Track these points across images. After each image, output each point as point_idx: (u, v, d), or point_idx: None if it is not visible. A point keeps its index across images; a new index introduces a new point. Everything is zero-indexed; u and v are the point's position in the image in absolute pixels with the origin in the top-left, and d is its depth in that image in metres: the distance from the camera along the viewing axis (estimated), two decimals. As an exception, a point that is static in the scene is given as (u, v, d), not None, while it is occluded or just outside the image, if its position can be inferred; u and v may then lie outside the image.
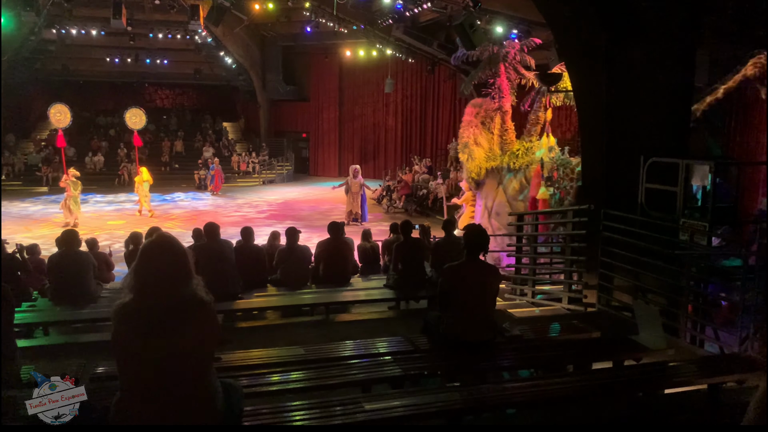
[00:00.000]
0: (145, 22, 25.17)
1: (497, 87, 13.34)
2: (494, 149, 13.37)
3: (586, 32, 7.29)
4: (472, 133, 13.52)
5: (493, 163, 13.29)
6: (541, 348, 4.93)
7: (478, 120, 13.58)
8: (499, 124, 13.37)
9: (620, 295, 6.83)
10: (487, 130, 13.51)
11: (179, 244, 2.67)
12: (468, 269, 4.47)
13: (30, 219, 18.85)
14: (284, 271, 7.82)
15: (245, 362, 4.48)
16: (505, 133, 13.37)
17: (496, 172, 13.32)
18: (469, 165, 13.64)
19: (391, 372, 4.18)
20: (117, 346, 2.52)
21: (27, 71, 27.74)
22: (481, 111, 13.69)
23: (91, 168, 27.77)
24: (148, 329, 2.43)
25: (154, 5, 23.63)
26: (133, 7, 23.22)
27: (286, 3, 19.37)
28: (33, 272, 8.21)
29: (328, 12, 19.59)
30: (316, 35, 23.79)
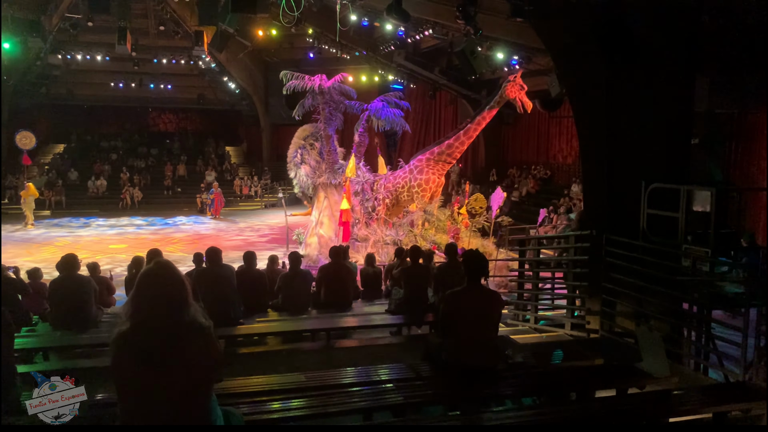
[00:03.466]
0: (149, 48, 25.46)
1: (323, 115, 15.00)
2: (320, 167, 15.34)
3: (587, 59, 7.36)
4: (299, 153, 15.66)
5: (320, 179, 15.30)
6: (544, 375, 4.89)
7: (307, 142, 15.69)
8: (326, 146, 15.21)
9: (623, 321, 6.80)
10: (314, 150, 15.49)
11: (176, 271, 2.66)
12: (470, 295, 4.45)
13: (32, 242, 18.85)
14: (286, 296, 7.79)
15: (245, 389, 4.44)
16: (329, 153, 15.12)
17: (323, 187, 15.22)
18: (296, 181, 15.89)
19: (392, 400, 4.14)
20: (116, 374, 2.50)
21: (32, 96, 27.95)
22: (312, 135, 15.72)
23: (94, 192, 27.86)
24: (146, 357, 2.42)
25: (158, 31, 23.94)
26: (138, 32, 23.52)
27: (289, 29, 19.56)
28: (34, 296, 8.18)
29: (331, 38, 19.82)
30: (319, 61, 23.99)
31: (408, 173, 14.38)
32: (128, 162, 30.65)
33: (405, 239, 13.27)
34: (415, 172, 14.20)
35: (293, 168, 15.73)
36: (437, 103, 26.23)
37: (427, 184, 13.97)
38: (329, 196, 15.01)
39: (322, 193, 15.20)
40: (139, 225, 22.90)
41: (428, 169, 14.04)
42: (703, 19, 7.16)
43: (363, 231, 13.88)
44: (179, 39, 23.32)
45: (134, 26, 22.17)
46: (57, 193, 26.41)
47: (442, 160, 14.08)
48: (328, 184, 15.06)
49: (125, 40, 19.55)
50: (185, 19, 21.74)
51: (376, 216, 14.24)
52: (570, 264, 8.05)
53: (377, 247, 13.34)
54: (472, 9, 9.51)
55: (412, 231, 13.58)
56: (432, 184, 14.01)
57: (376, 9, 14.68)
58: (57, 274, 7.15)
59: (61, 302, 6.85)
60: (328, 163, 15.17)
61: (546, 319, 8.39)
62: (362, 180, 14.21)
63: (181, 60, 26.05)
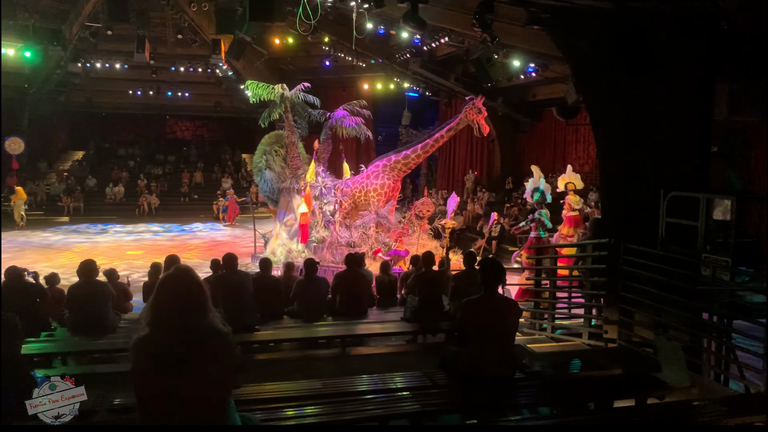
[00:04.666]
0: (167, 56, 25.72)
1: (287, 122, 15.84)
2: (285, 172, 16.28)
3: (604, 66, 7.32)
4: (265, 159, 16.47)
5: (284, 184, 16.15)
6: (562, 385, 4.85)
7: (272, 148, 16.57)
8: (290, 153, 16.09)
9: (641, 331, 6.72)
10: (279, 156, 16.48)
11: (196, 276, 2.67)
12: (486, 303, 4.42)
13: (51, 248, 19.05)
14: (301, 303, 7.80)
15: (260, 396, 4.44)
16: (292, 159, 16.00)
17: (287, 191, 15.99)
18: (262, 186, 16.55)
19: (408, 408, 4.12)
20: (136, 379, 2.51)
21: (52, 103, 28.34)
22: (277, 141, 16.66)
23: (112, 198, 28.13)
24: (166, 362, 2.43)
25: (176, 39, 24.18)
26: (156, 41, 23.78)
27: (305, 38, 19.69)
28: (53, 301, 8.26)
29: (347, 46, 19.88)
30: (335, 69, 24.12)
31: (365, 178, 14.95)
32: (145, 169, 30.93)
33: (358, 241, 13.98)
34: (372, 177, 14.77)
35: (257, 173, 16.59)
36: (452, 110, 26.20)
37: (382, 189, 14.52)
38: (292, 200, 15.88)
39: (286, 197, 16.08)
40: (156, 231, 23.08)
41: (383, 175, 14.58)
42: (722, 25, 7.09)
43: (320, 233, 14.62)
44: (197, 47, 23.51)
45: (153, 35, 22.44)
46: (75, 200, 26.71)
47: (398, 168, 14.62)
48: (291, 189, 15.91)
49: (144, 48, 19.78)
50: (203, 28, 21.90)
51: (335, 219, 14.88)
52: (587, 273, 7.98)
53: (332, 248, 14.03)
54: (488, 17, 9.49)
55: (365, 233, 14.16)
56: (387, 189, 14.55)
57: (392, 17, 14.71)
58: (75, 280, 7.23)
59: (80, 308, 6.93)
60: (292, 168, 15.99)
61: (563, 328, 8.32)
62: (320, 185, 15.01)
63: (199, 68, 26.28)
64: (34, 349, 6.16)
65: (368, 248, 13.62)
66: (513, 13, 10.23)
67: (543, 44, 12.37)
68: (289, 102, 15.78)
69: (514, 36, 13.22)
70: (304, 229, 14.41)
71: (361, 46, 19.17)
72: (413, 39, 16.78)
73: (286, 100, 15.75)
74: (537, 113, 21.86)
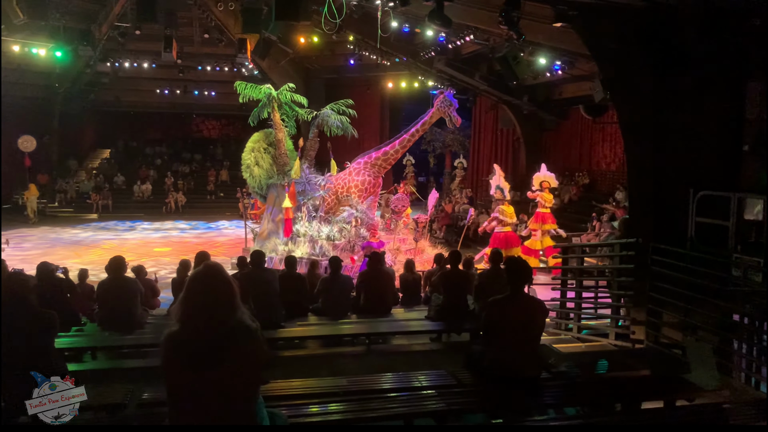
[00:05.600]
0: (194, 56, 25.96)
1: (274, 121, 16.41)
2: (272, 169, 16.69)
3: (633, 64, 7.23)
4: (254, 157, 16.84)
5: (271, 180, 16.64)
6: (588, 385, 4.81)
7: (261, 146, 16.98)
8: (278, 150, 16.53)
9: (670, 332, 6.63)
10: (267, 154, 16.85)
11: (225, 273, 2.70)
12: (513, 303, 4.40)
13: (80, 245, 19.40)
14: (326, 301, 7.84)
15: (285, 392, 4.47)
16: (279, 156, 16.44)
17: (274, 187, 16.50)
18: (250, 182, 16.92)
19: (434, 407, 4.12)
20: (166, 374, 2.55)
21: (81, 102, 28.81)
22: (265, 139, 17.08)
23: (139, 196, 28.52)
24: (196, 358, 2.46)
25: (203, 39, 24.40)
26: (183, 40, 23.99)
27: (330, 37, 19.76)
28: (82, 297, 8.41)
29: (372, 45, 19.89)
30: (359, 68, 24.15)
31: (347, 175, 15.63)
32: (172, 167, 31.28)
33: (338, 235, 14.65)
34: (353, 174, 15.43)
35: (246, 170, 17.06)
36: (477, 109, 26.11)
37: (362, 185, 15.15)
38: (279, 196, 16.37)
39: (273, 192, 16.66)
40: (183, 229, 23.36)
41: (364, 172, 15.22)
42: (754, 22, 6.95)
43: (303, 227, 15.22)
44: (223, 47, 23.70)
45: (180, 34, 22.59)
46: (104, 197, 27.15)
47: (378, 165, 15.30)
48: (278, 185, 16.45)
49: (171, 47, 19.97)
50: (229, 27, 22.06)
51: (319, 214, 15.54)
52: (614, 272, 7.89)
53: (313, 242, 14.72)
54: (515, 14, 9.42)
55: (345, 227, 14.77)
56: (368, 185, 15.19)
57: (417, 15, 14.67)
58: (104, 276, 7.35)
59: (109, 303, 7.03)
60: (279, 165, 16.57)
61: (589, 329, 8.24)
62: (304, 180, 15.64)
63: (225, 67, 26.49)
64: (65, 343, 6.27)
65: (347, 242, 14.49)
66: (539, 10, 10.14)
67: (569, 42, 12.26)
68: (276, 101, 16.42)
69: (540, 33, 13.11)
70: (288, 223, 15.14)
71: (385, 44, 19.16)
72: (438, 37, 16.71)
73: (273, 100, 16.39)
74: (563, 111, 21.66)
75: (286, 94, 16.51)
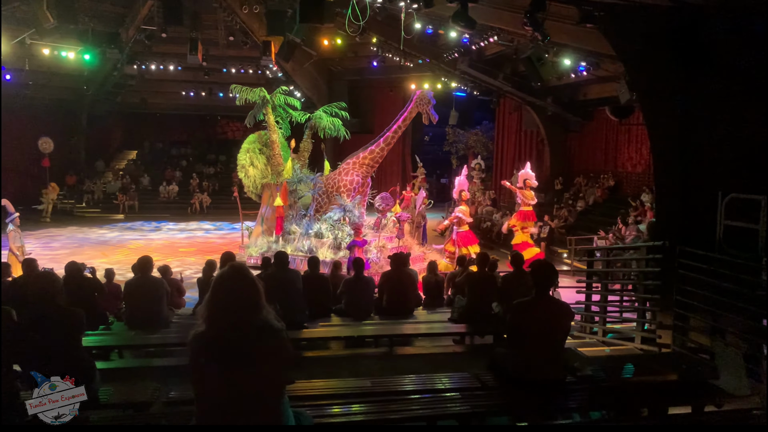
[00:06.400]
0: (219, 58, 26.20)
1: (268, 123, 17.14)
2: (267, 170, 17.41)
3: (660, 65, 7.14)
4: (249, 157, 17.57)
5: (265, 180, 17.29)
6: (614, 389, 4.75)
7: (256, 147, 17.68)
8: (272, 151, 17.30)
9: (697, 336, 6.53)
10: (262, 155, 17.61)
11: (251, 273, 2.72)
12: (538, 306, 4.37)
13: (107, 245, 19.68)
14: (348, 302, 7.85)
15: (307, 392, 4.49)
16: (273, 157, 17.17)
17: (268, 186, 17.14)
18: (246, 181, 17.63)
19: (457, 409, 4.10)
20: (193, 373, 2.58)
21: (109, 104, 29.25)
22: (259, 140, 17.81)
23: (165, 197, 28.85)
24: (222, 358, 2.49)
25: (228, 42, 24.63)
26: (208, 43, 24.25)
27: (353, 39, 19.82)
28: (109, 296, 8.52)
29: (395, 47, 19.91)
30: (382, 69, 24.17)
31: (337, 175, 16.06)
32: (197, 168, 31.59)
33: (327, 233, 15.18)
34: (342, 174, 15.84)
35: (241, 170, 17.76)
36: (501, 109, 25.98)
37: (351, 185, 15.56)
38: (273, 195, 16.90)
39: (267, 191, 17.19)
40: (208, 229, 23.56)
41: (353, 171, 15.63)
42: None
43: (294, 225, 15.83)
44: (248, 49, 23.89)
45: (205, 37, 22.85)
46: (130, 198, 27.52)
47: (366, 164, 15.69)
48: (272, 185, 17.03)
49: (196, 50, 20.20)
50: (254, 30, 22.25)
51: (309, 212, 16.09)
52: (640, 276, 7.79)
53: (303, 239, 15.34)
54: (540, 15, 9.37)
55: (333, 225, 15.24)
56: (356, 185, 15.62)
57: (440, 17, 14.66)
58: (130, 275, 7.45)
59: (136, 302, 7.13)
60: (273, 165, 17.19)
61: (614, 332, 8.15)
62: (295, 180, 16.30)
63: (249, 69, 26.67)
64: (92, 341, 6.37)
65: (333, 238, 14.97)
66: (564, 11, 10.07)
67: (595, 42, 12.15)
68: (270, 104, 17.18)
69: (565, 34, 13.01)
70: (279, 221, 15.92)
71: (409, 46, 19.17)
72: (462, 38, 16.66)
73: (267, 103, 17.15)
74: (587, 113, 21.44)
75: (279, 97, 17.35)
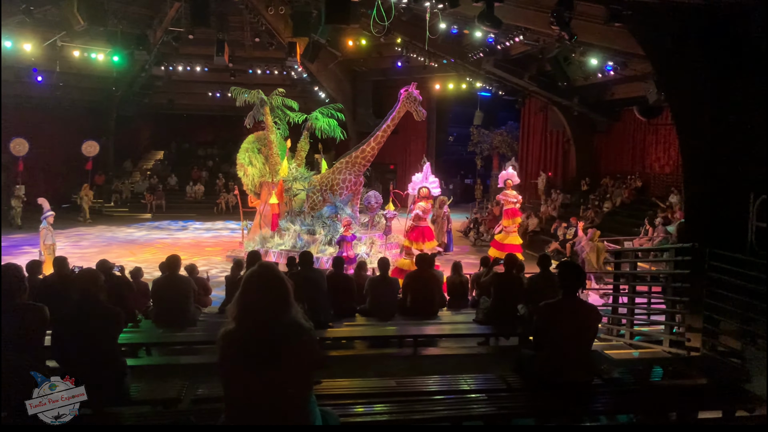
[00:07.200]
0: (245, 59, 26.43)
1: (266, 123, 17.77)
2: (265, 168, 18.06)
3: (690, 63, 7.03)
4: (248, 157, 18.24)
5: (263, 178, 17.99)
6: (642, 392, 4.68)
7: (254, 147, 18.34)
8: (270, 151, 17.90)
9: (727, 340, 6.41)
10: (260, 154, 18.23)
11: (280, 272, 2.74)
12: (565, 307, 4.33)
13: (135, 244, 19.96)
14: (373, 302, 7.86)
15: (330, 391, 4.50)
16: (270, 156, 17.73)
17: (267, 185, 17.78)
18: (244, 180, 18.30)
19: (483, 410, 4.08)
20: (222, 371, 2.60)
21: (137, 105, 29.67)
22: (258, 141, 18.46)
23: (192, 196, 29.18)
24: (251, 355, 2.51)
25: (253, 43, 24.85)
26: (235, 44, 24.45)
27: (378, 39, 19.87)
28: (137, 294, 8.64)
29: (419, 47, 19.90)
30: (406, 69, 24.14)
31: (330, 173, 16.66)
32: (223, 168, 31.87)
33: (319, 229, 15.93)
34: (336, 172, 16.45)
35: (240, 169, 18.40)
36: (526, 110, 25.80)
37: (344, 183, 16.21)
38: (270, 193, 17.37)
39: (266, 189, 17.74)
40: (233, 229, 23.72)
41: (345, 170, 16.26)
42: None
43: (288, 222, 16.57)
44: (273, 50, 24.04)
45: (231, 38, 23.03)
46: (158, 198, 27.88)
47: (358, 163, 16.29)
48: (270, 183, 17.62)
49: (223, 51, 20.36)
50: (279, 31, 22.40)
51: (303, 210, 16.74)
52: (669, 278, 7.68)
53: (296, 235, 16.11)
54: (567, 14, 9.28)
55: (325, 222, 15.92)
56: (349, 183, 16.21)
57: (465, 16, 14.60)
58: (157, 274, 7.55)
59: (164, 301, 7.22)
60: (271, 165, 17.74)
61: (642, 335, 8.04)
62: (291, 179, 16.89)
63: (275, 70, 26.87)
64: (121, 338, 6.44)
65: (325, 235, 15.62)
66: (591, 10, 9.96)
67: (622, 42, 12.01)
68: (268, 106, 17.86)
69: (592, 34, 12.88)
70: (275, 217, 16.59)
71: (433, 46, 19.12)
72: (487, 38, 16.60)
73: (265, 104, 17.86)
74: (614, 113, 21.19)
75: (277, 98, 18.09)
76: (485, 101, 27.70)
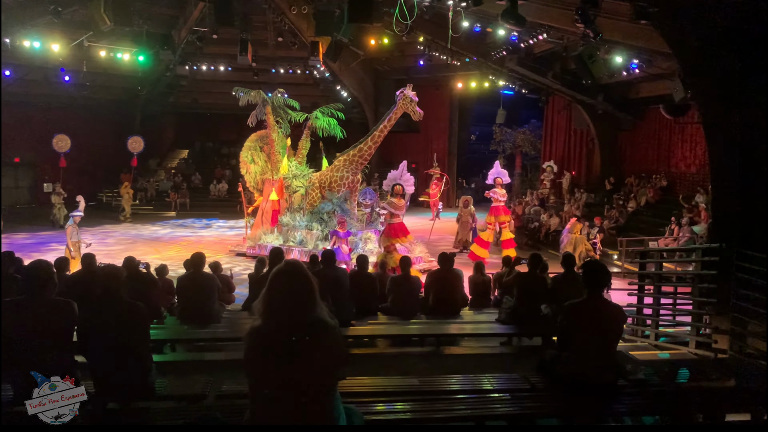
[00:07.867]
0: (267, 59, 26.58)
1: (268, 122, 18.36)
2: (267, 166, 18.53)
3: (719, 62, 6.92)
4: (250, 155, 18.88)
5: (265, 176, 18.49)
6: (668, 394, 4.63)
7: (257, 145, 19.01)
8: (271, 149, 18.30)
9: (756, 342, 6.31)
10: (262, 152, 18.85)
11: (306, 269, 2.76)
12: (590, 307, 4.29)
13: (159, 241, 20.20)
14: (395, 300, 7.87)
15: (351, 389, 4.51)
16: (272, 154, 18.18)
17: (269, 182, 18.17)
18: (247, 177, 18.95)
19: (506, 410, 4.07)
20: (248, 368, 2.63)
21: (161, 104, 30.01)
22: (260, 139, 19.12)
23: (215, 195, 29.44)
24: (277, 352, 2.53)
25: (277, 42, 24.95)
26: (258, 44, 24.62)
27: (400, 38, 19.84)
28: (162, 291, 8.75)
29: (442, 45, 19.84)
30: (428, 68, 24.10)
31: (329, 171, 16.87)
32: (246, 167, 32.12)
33: (316, 225, 16.16)
34: (334, 170, 16.65)
35: (243, 166, 19.00)
36: (550, 108, 25.60)
37: (341, 181, 16.36)
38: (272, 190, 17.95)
39: (268, 187, 18.10)
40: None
41: (343, 168, 16.44)
42: None
43: (286, 218, 16.90)
44: (296, 50, 24.16)
45: (254, 38, 23.19)
46: (182, 196, 28.17)
47: (355, 162, 16.37)
48: (271, 180, 18.02)
49: (246, 51, 20.55)
50: (302, 31, 22.49)
51: (302, 206, 16.98)
52: (696, 279, 7.57)
53: (293, 231, 16.48)
54: (591, 12, 9.20)
55: (323, 219, 16.14)
56: (346, 181, 16.38)
57: (488, 14, 14.53)
58: (182, 271, 7.63)
59: (188, 298, 7.30)
60: (273, 163, 18.10)
61: (667, 336, 7.94)
62: (291, 176, 17.26)
63: (298, 70, 26.98)
64: (146, 335, 6.54)
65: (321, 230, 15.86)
66: (616, 7, 9.87)
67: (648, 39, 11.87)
68: (269, 104, 18.34)
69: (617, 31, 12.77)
70: (274, 214, 17.15)
71: (456, 44, 19.06)
72: (510, 36, 16.50)
73: (267, 103, 18.32)
74: (639, 111, 20.93)
75: (278, 98, 18.63)
76: (508, 99, 27.55)
